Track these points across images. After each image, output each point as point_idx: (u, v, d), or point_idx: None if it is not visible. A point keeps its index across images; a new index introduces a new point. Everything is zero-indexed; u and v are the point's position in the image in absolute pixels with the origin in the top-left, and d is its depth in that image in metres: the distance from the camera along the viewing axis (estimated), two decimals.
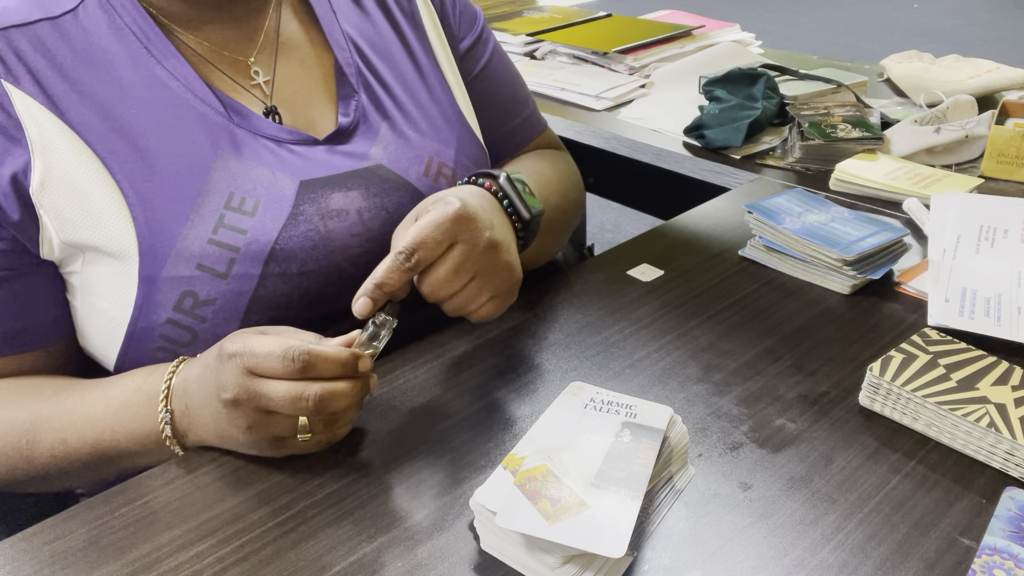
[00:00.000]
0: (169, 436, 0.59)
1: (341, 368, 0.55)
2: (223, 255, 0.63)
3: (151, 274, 0.62)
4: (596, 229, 2.65)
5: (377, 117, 0.73)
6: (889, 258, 0.80)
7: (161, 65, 0.65)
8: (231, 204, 0.64)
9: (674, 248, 0.86)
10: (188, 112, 0.65)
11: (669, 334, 0.72)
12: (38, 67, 0.62)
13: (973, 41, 4.72)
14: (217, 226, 0.63)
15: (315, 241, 0.66)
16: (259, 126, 0.68)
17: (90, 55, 0.64)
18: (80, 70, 0.63)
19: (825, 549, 0.51)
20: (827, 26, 5.18)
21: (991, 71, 1.26)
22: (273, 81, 0.71)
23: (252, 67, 0.70)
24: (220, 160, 0.65)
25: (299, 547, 0.52)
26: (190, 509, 0.55)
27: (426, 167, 0.73)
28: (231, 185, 0.65)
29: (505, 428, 0.61)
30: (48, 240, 0.62)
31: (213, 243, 0.63)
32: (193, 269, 0.63)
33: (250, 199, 0.65)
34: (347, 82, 0.73)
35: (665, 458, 0.54)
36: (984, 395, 0.59)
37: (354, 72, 0.74)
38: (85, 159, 0.62)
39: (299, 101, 0.72)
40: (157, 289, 0.62)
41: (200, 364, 0.58)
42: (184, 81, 0.66)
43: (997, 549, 0.50)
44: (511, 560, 0.49)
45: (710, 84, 1.18)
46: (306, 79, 0.73)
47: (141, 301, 0.63)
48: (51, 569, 0.50)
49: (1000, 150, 0.98)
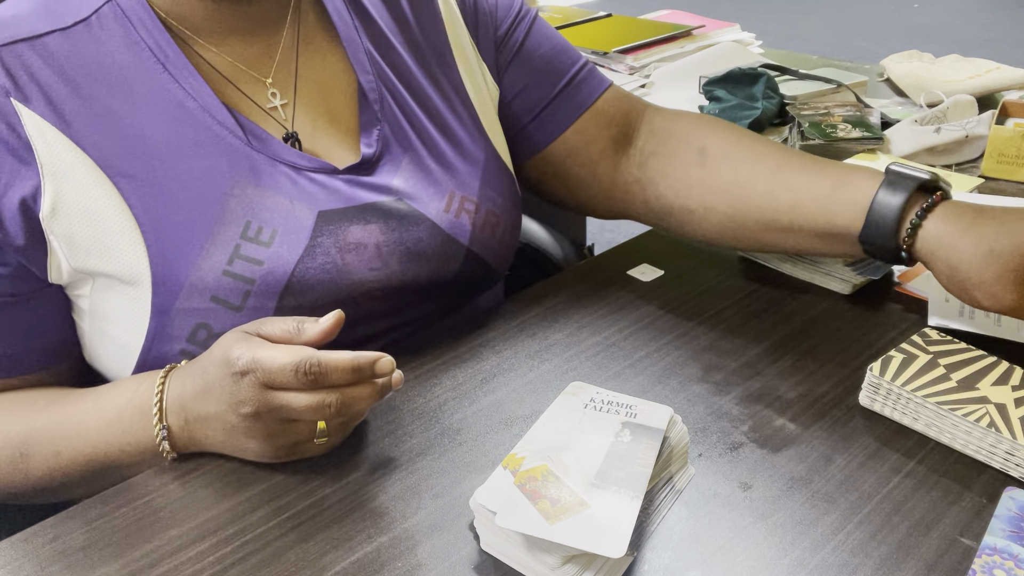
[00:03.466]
0: (167, 450, 0.58)
1: (352, 375, 0.53)
2: (238, 287, 0.61)
3: (164, 305, 0.61)
4: (596, 229, 2.65)
5: (399, 149, 0.69)
6: None
7: (178, 83, 0.62)
8: (247, 234, 0.62)
9: (674, 248, 0.86)
10: (205, 134, 0.62)
11: (669, 334, 0.72)
12: (49, 84, 0.59)
13: (973, 41, 4.72)
14: (233, 257, 0.61)
15: (332, 274, 0.64)
16: (278, 152, 0.65)
17: (103, 71, 0.61)
18: (93, 87, 0.60)
19: (825, 549, 0.51)
20: (827, 26, 5.18)
21: (991, 71, 1.26)
22: (293, 104, 0.68)
23: (270, 88, 0.67)
24: (238, 187, 0.62)
25: (299, 547, 0.52)
26: (190, 509, 0.55)
27: (447, 203, 0.69)
28: (248, 214, 0.62)
29: (505, 428, 0.61)
30: (56, 266, 0.61)
31: (228, 275, 0.61)
32: (207, 301, 0.61)
33: (267, 228, 0.62)
34: (370, 108, 0.69)
35: (665, 458, 0.54)
36: (984, 395, 0.59)
37: (377, 99, 0.70)
38: (98, 183, 0.59)
39: (319, 126, 0.68)
40: (170, 320, 0.61)
41: (200, 380, 0.56)
42: (201, 101, 0.63)
43: (997, 549, 0.50)
44: (511, 560, 0.49)
45: (710, 84, 1.18)
46: (327, 103, 0.69)
47: (154, 331, 0.61)
48: (51, 569, 0.50)
49: (1000, 150, 0.98)
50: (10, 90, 0.58)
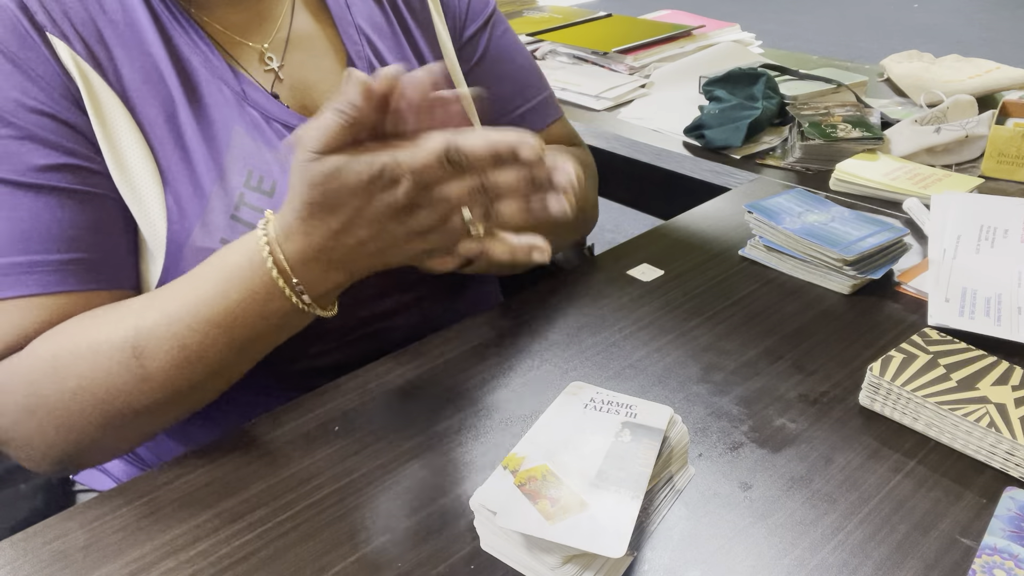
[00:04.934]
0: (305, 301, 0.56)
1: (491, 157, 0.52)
2: (245, 232, 0.62)
3: (178, 244, 0.63)
4: (596, 229, 2.64)
5: None
6: (889, 258, 0.80)
7: (186, 41, 0.66)
8: (250, 183, 0.65)
9: (674, 248, 0.86)
10: (210, 89, 0.66)
11: (669, 334, 0.72)
12: (83, 26, 0.62)
13: (973, 41, 4.72)
14: (239, 203, 0.64)
15: None
16: (272, 111, 0.68)
17: (126, 24, 0.64)
18: (116, 39, 0.64)
19: (825, 549, 0.51)
20: (827, 26, 5.18)
21: (991, 71, 1.26)
22: (286, 68, 0.72)
23: (266, 53, 0.71)
24: (238, 137, 0.66)
25: (299, 547, 0.52)
26: (190, 509, 0.55)
27: None
28: (249, 164, 0.65)
29: (505, 428, 0.61)
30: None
31: (236, 219, 0.64)
32: (217, 243, 0.63)
33: (267, 179, 0.66)
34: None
35: (665, 458, 0.54)
36: (984, 395, 0.59)
37: (366, 67, 0.74)
38: (128, 124, 0.63)
39: (311, 89, 0.72)
40: (183, 260, 0.63)
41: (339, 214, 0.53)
42: (204, 59, 0.67)
43: (997, 549, 0.50)
44: (511, 560, 0.49)
45: (710, 84, 1.18)
46: (318, 68, 0.73)
47: (168, 269, 0.63)
48: (51, 569, 0.50)
49: (1000, 150, 0.98)
50: (46, 25, 0.61)
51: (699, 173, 1.10)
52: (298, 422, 0.62)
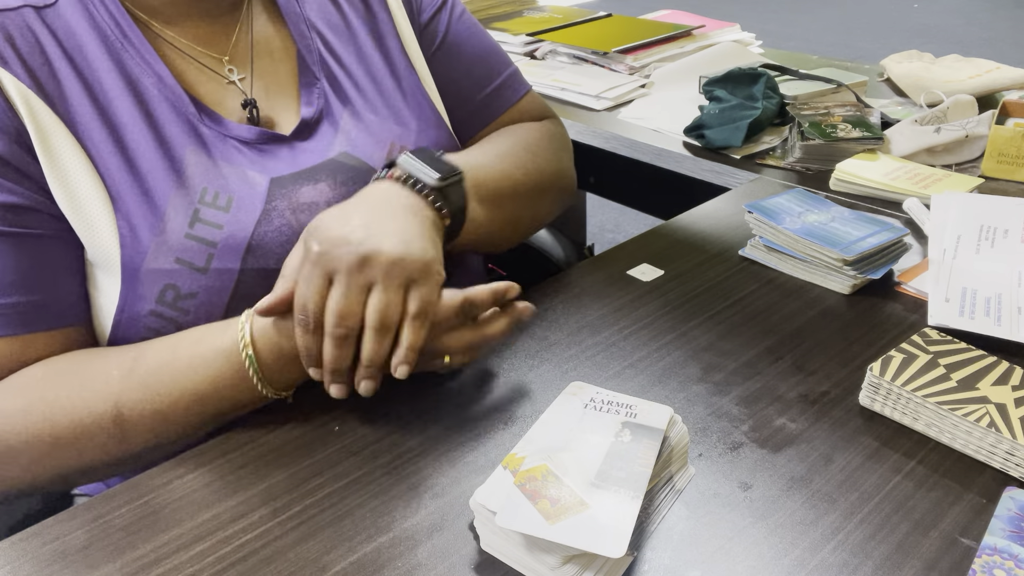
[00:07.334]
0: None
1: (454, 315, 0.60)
2: (201, 249, 0.64)
3: (133, 267, 0.63)
4: (596, 229, 2.65)
5: (338, 103, 0.74)
6: (889, 258, 0.80)
7: (136, 62, 0.66)
8: (205, 199, 0.65)
9: (674, 248, 0.86)
10: (161, 109, 0.66)
11: (669, 334, 0.72)
12: (27, 53, 0.62)
13: (973, 41, 4.72)
14: (193, 220, 0.64)
15: (288, 235, 0.67)
16: (229, 128, 0.69)
17: (71, 48, 0.64)
18: (62, 62, 0.64)
19: (825, 549, 0.51)
20: (827, 26, 5.18)
21: (991, 71, 1.26)
22: (251, 79, 0.72)
23: (227, 65, 0.71)
24: (192, 156, 0.66)
25: (299, 547, 0.52)
26: (190, 509, 0.55)
27: (388, 151, 0.74)
28: (204, 181, 0.66)
29: (505, 428, 0.61)
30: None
31: (190, 237, 0.64)
32: (172, 262, 0.63)
33: (223, 195, 0.66)
34: (308, 69, 0.74)
35: (665, 458, 0.54)
36: (984, 395, 0.59)
37: (316, 60, 0.75)
38: (74, 150, 0.62)
39: (269, 96, 0.73)
40: (139, 282, 0.63)
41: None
42: (159, 81, 0.67)
43: (997, 549, 0.50)
44: (511, 560, 0.49)
45: (710, 84, 1.18)
46: (275, 73, 0.74)
47: (126, 293, 0.63)
48: (51, 569, 0.50)
49: (1000, 150, 0.98)
50: None
51: (699, 173, 1.10)
52: (298, 422, 0.62)
